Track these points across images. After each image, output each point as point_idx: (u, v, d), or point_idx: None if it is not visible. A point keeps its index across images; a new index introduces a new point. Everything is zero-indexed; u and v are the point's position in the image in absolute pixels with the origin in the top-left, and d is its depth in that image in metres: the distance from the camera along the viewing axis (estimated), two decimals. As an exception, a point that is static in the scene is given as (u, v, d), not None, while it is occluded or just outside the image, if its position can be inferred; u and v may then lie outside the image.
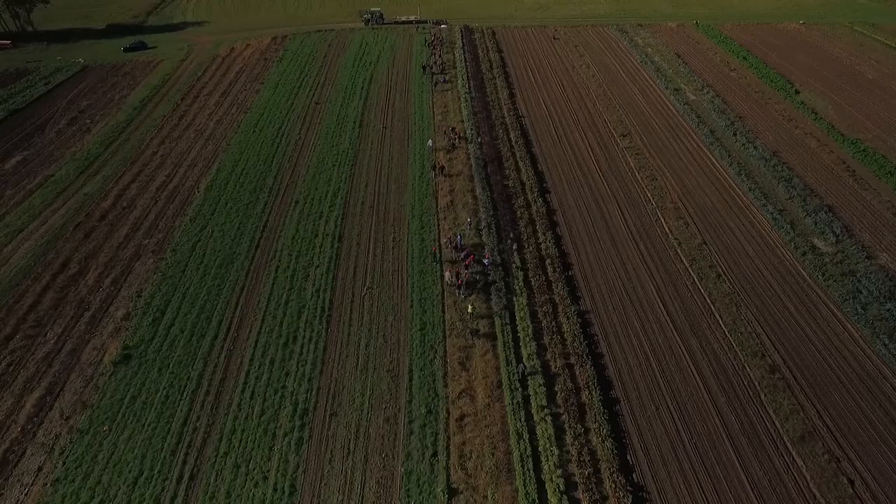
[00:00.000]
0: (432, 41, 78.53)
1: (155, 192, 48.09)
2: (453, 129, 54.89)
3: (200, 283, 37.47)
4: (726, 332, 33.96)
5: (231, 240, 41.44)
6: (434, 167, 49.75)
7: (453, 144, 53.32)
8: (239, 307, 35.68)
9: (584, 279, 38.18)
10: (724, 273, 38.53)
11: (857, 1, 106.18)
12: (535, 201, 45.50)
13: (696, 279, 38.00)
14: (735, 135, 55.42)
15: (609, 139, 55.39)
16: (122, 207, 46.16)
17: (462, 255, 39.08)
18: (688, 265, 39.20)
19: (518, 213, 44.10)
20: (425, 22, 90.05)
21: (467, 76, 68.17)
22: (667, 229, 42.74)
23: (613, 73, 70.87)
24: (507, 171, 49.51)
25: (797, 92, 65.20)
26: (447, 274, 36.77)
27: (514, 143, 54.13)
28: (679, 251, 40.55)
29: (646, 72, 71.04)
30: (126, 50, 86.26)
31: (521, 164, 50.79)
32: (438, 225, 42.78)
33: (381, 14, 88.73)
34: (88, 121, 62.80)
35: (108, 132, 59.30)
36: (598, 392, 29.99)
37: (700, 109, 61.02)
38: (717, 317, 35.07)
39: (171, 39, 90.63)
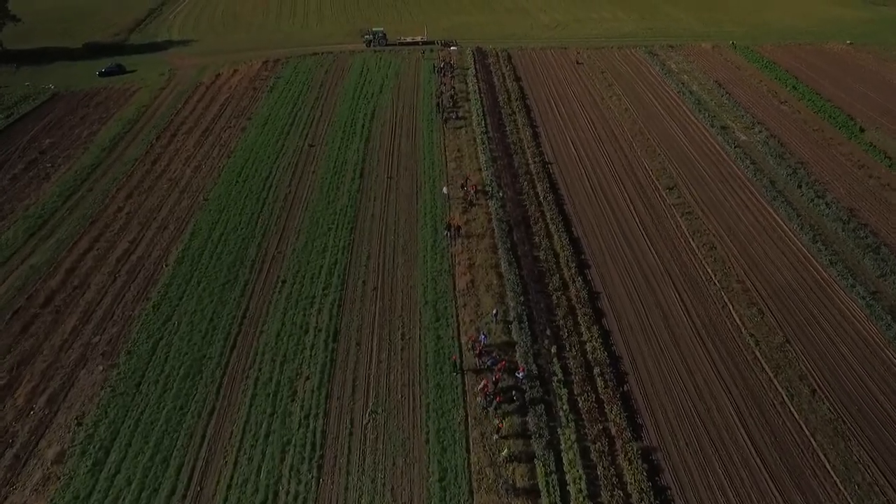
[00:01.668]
0: (441, 67, 71.81)
1: (115, 264, 41.02)
2: (468, 181, 47.82)
3: (158, 404, 30.28)
4: (838, 483, 26.65)
5: (201, 337, 34.29)
6: (448, 227, 42.81)
7: (471, 202, 46.24)
8: (206, 443, 28.47)
9: (644, 397, 30.94)
10: (820, 388, 31.29)
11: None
12: (574, 281, 38.35)
13: (785, 397, 30.76)
14: (800, 187, 48.36)
15: (653, 193, 48.32)
16: (72, 287, 39.07)
17: (489, 361, 31.90)
18: (772, 375, 31.95)
19: (554, 298, 36.96)
20: (432, 43, 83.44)
21: (483, 111, 61.28)
22: (738, 321, 35.53)
23: (648, 105, 63.94)
24: (537, 238, 42.44)
25: (862, 130, 58.23)
26: (479, 399, 29.69)
27: (542, 199, 47.09)
28: (757, 353, 33.32)
29: (685, 104, 64.10)
30: (101, 74, 79.78)
31: (552, 227, 43.72)
32: (457, 315, 35.64)
33: (384, 35, 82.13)
34: (49, 164, 55.97)
35: (70, 180, 52.43)
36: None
37: (754, 153, 53.99)
38: (822, 457, 27.81)
39: (152, 62, 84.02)
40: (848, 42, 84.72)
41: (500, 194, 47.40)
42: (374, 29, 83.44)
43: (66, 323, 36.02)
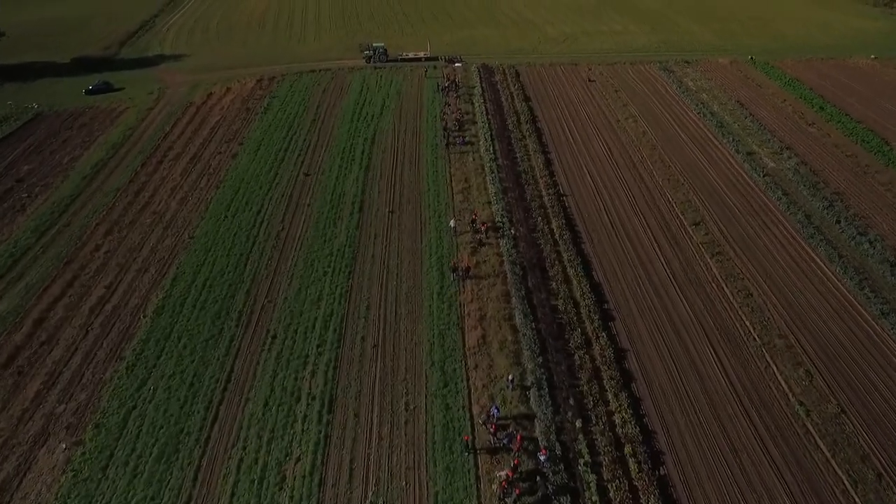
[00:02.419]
0: (446, 86, 68.56)
1: (87, 315, 37.49)
2: (477, 218, 44.34)
3: (127, 493, 26.64)
4: None
5: (179, 407, 30.69)
6: (455, 269, 39.35)
7: (480, 240, 42.74)
8: (178, 547, 24.77)
9: (683, 484, 27.24)
10: (886, 471, 27.56)
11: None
12: (597, 336, 34.76)
13: (846, 483, 27.05)
14: (839, 222, 44.85)
15: (678, 229, 44.79)
16: (39, 343, 35.53)
17: (504, 439, 28.28)
18: (829, 455, 28.27)
19: (576, 357, 33.36)
20: (436, 59, 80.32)
21: (490, 135, 57.92)
22: (784, 384, 31.89)
23: (666, 127, 60.57)
24: (554, 284, 38.87)
25: (899, 155, 54.76)
26: (494, 486, 26.02)
27: (557, 238, 43.56)
28: (809, 426, 29.67)
29: (706, 127, 60.72)
30: (88, 92, 76.75)
31: (570, 270, 40.17)
32: (468, 378, 32.03)
33: (385, 50, 79.01)
34: (25, 195, 52.64)
35: (47, 213, 49.06)
36: None
37: (784, 182, 50.52)
38: (898, 563, 23.98)
39: (142, 78, 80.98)
40: (872, 56, 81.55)
41: (512, 231, 43.91)
42: (374, 44, 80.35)
43: (28, 387, 32.44)
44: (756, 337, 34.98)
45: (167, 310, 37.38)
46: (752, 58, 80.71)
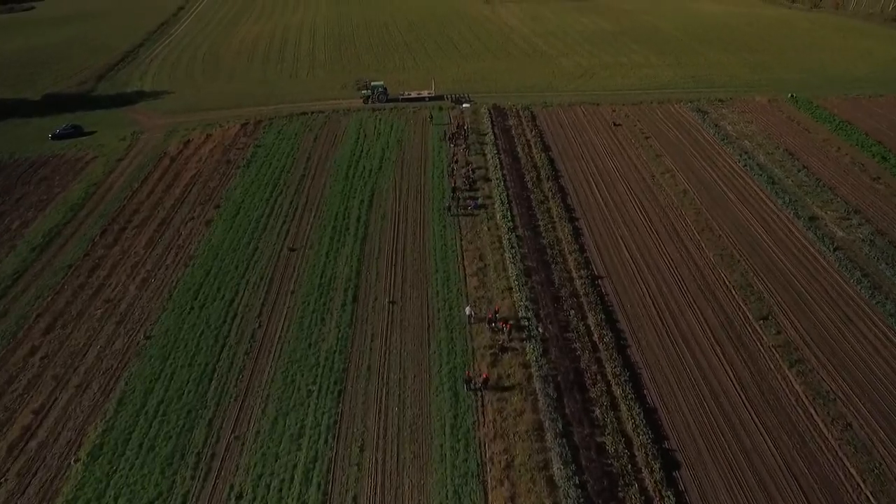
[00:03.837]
0: (454, 133, 61.91)
1: (4, 459, 29.97)
2: (497, 314, 37.07)
3: None
4: None
5: None
6: (469, 381, 32.17)
7: (502, 345, 35.40)
8: None
9: None
10: None
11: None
12: (661, 495, 27.10)
13: None
14: (938, 315, 37.40)
15: (742, 326, 37.45)
16: (-66, 504, 27.99)
17: None
18: None
19: (636, 531, 25.69)
20: (441, 98, 73.89)
21: (507, 196, 51.04)
22: (920, 576, 24.09)
23: (710, 185, 53.61)
24: (598, 411, 31.49)
25: None
26: None
27: (597, 339, 36.25)
28: None
29: (754, 183, 53.77)
30: (55, 137, 70.56)
31: (616, 389, 32.83)
32: (494, 569, 24.33)
33: (385, 89, 72.63)
34: (-40, 273, 45.49)
35: (-19, 297, 41.90)
36: None
37: (860, 258, 43.37)
38: None
39: (116, 120, 74.71)
40: (926, 93, 75.01)
41: (540, 330, 36.60)
42: (373, 83, 73.98)
43: None
44: (868, 493, 27.35)
45: (105, 452, 29.92)
46: (792, 95, 74.23)
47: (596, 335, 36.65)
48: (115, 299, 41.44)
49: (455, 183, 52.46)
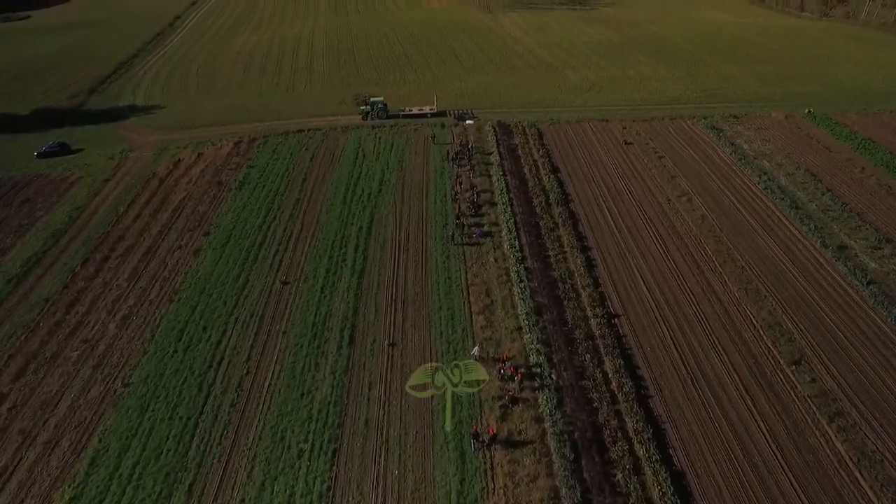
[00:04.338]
0: (457, 153, 59.25)
1: (-41, 531, 27.11)
2: (506, 361, 34.25)
3: None
4: None
5: None
6: (476, 437, 29.36)
7: (512, 396, 32.52)
8: None
9: None
10: None
11: None
12: (695, 581, 24.10)
13: None
14: None
15: (773, 372, 34.61)
16: None
17: None
18: None
19: None
20: (444, 115, 71.28)
21: (514, 223, 48.31)
22: None
23: (729, 211, 50.84)
24: (621, 476, 28.62)
25: None
26: None
27: (616, 389, 33.41)
28: None
29: (776, 207, 50.99)
30: (40, 155, 68.21)
31: (639, 449, 29.93)
32: None
33: (385, 105, 70.11)
34: (-71, 308, 42.76)
35: (-50, 336, 39.12)
36: None
37: (894, 291, 40.40)
38: None
39: (105, 137, 72.31)
40: (949, 108, 72.32)
41: (554, 378, 33.72)
42: (372, 99, 71.44)
43: None
44: (927, 578, 24.34)
45: (71, 527, 26.98)
46: (809, 111, 71.56)
47: (615, 383, 33.75)
48: (94, 339, 38.63)
49: (459, 209, 49.76)
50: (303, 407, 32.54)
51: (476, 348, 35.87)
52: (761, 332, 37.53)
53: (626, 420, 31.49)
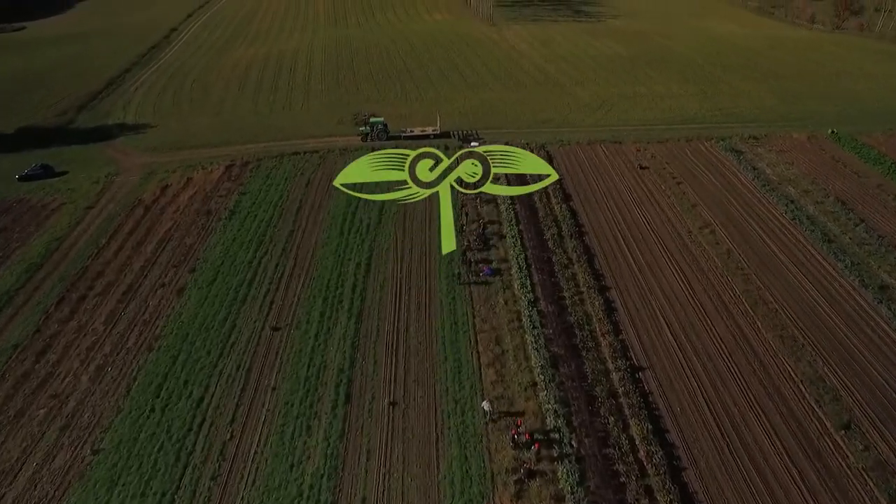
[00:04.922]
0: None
1: None
2: (521, 427, 30.77)
3: None
4: None
5: None
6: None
7: (529, 468, 28.99)
8: None
9: None
10: None
11: None
12: None
13: None
14: None
15: (819, 437, 31.19)
16: None
17: None
18: None
19: None
20: (448, 136, 68.19)
21: (525, 259, 45.00)
22: None
23: (756, 244, 47.51)
24: (655, 571, 24.79)
25: None
26: None
27: (644, 458, 29.94)
28: None
29: (806, 240, 47.66)
30: (22, 178, 64.94)
31: (674, 535, 26.15)
32: None
33: (385, 126, 67.02)
34: None
35: None
36: None
37: (947, 342, 36.90)
38: None
39: (92, 158, 69.17)
40: (979, 128, 69.15)
41: (574, 445, 30.20)
42: (372, 119, 68.35)
43: None
44: None
45: None
46: (833, 131, 68.43)
47: (643, 452, 30.25)
48: (63, 394, 35.20)
49: (468, 244, 46.42)
50: (292, 481, 29.04)
51: (486, 402, 32.48)
52: (802, 389, 34.06)
53: (659, 498, 27.94)
